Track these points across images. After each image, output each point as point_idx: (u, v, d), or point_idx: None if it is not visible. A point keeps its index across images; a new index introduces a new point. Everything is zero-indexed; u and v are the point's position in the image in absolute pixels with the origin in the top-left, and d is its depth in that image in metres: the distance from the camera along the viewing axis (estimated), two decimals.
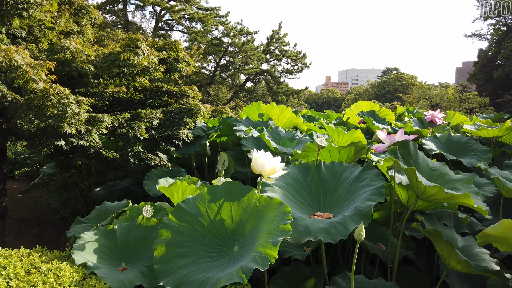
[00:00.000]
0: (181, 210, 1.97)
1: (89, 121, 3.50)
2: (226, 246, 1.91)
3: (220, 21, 25.23)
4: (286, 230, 1.72)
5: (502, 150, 4.09)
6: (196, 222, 1.95)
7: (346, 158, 2.75)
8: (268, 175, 2.02)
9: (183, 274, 1.73)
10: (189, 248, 1.87)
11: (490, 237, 1.94)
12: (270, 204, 1.91)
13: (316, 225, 1.94)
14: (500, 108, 28.97)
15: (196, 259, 1.82)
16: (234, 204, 1.99)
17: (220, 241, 1.93)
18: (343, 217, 1.97)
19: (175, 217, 1.95)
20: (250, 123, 4.51)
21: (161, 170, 4.03)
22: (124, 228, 2.35)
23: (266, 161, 1.99)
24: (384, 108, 4.82)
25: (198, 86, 23.14)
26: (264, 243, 1.69)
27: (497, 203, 2.84)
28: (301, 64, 26.02)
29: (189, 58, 4.82)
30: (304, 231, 1.91)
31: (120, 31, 21.25)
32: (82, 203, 5.67)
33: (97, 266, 1.97)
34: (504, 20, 35.70)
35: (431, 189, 1.98)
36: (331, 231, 1.88)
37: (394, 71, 64.25)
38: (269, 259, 1.59)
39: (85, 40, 4.99)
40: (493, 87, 34.26)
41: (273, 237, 1.70)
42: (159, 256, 1.82)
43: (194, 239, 1.91)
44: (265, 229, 1.80)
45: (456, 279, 2.28)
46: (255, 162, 1.99)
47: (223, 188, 2.03)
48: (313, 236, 1.86)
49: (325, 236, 1.85)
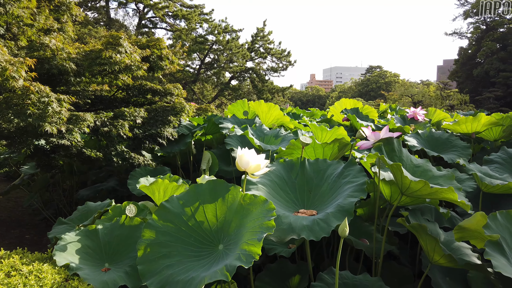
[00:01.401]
0: (165, 209, 1.94)
1: (71, 120, 3.43)
2: (211, 245, 1.90)
3: (205, 18, 25.07)
4: (270, 226, 1.72)
5: (482, 146, 4.19)
6: (180, 221, 1.92)
7: (330, 155, 2.77)
8: (253, 172, 2.02)
9: (167, 274, 1.71)
10: (173, 248, 1.85)
11: (465, 230, 1.99)
12: (255, 202, 1.91)
13: (299, 223, 1.94)
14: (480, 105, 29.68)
15: (181, 259, 1.80)
16: (218, 203, 1.97)
17: (205, 240, 1.91)
18: (325, 214, 1.99)
19: (158, 217, 1.92)
20: (237, 121, 4.50)
21: (145, 169, 3.99)
22: (107, 228, 2.31)
23: (250, 159, 1.99)
24: (367, 105, 4.87)
25: (183, 84, 22.98)
26: (248, 241, 1.68)
27: (478, 198, 2.91)
28: (286, 62, 26.11)
29: (173, 56, 4.78)
30: (287, 229, 1.91)
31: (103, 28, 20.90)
32: (65, 203, 5.56)
33: (79, 267, 1.94)
34: (483, 19, 36.52)
35: (416, 184, 2.01)
36: (314, 228, 1.89)
37: (377, 69, 65.06)
38: (253, 256, 1.59)
39: (66, 38, 4.89)
40: (473, 85, 35.06)
41: (257, 234, 1.70)
42: (143, 257, 1.80)
43: (179, 238, 1.88)
44: (250, 227, 1.80)
45: (438, 272, 2.33)
46: (239, 160, 1.99)
47: (207, 187, 2.01)
48: (296, 234, 1.87)
49: (308, 234, 1.86)
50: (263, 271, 2.51)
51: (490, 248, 1.56)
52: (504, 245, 1.61)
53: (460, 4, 38.17)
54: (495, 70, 32.68)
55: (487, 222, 1.69)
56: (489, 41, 34.52)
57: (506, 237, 1.67)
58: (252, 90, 26.22)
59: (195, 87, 25.99)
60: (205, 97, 27.16)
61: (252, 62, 26.22)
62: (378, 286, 2.03)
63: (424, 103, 31.12)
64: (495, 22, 35.12)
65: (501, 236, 1.63)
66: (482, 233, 1.90)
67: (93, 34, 17.11)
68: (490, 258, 1.51)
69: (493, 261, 1.50)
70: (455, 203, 2.05)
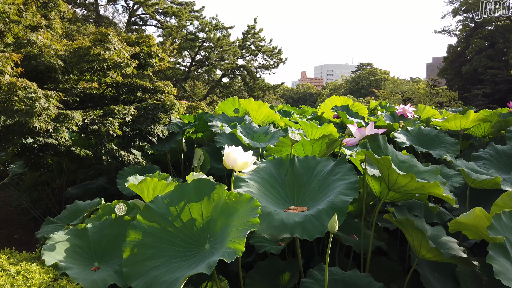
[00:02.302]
0: (150, 210, 1.92)
1: (58, 118, 3.39)
2: (197, 244, 1.88)
3: (195, 15, 24.94)
4: (255, 223, 1.72)
5: (470, 142, 4.25)
6: (165, 222, 1.90)
7: (319, 152, 2.78)
8: (240, 169, 2.02)
9: (153, 276, 1.70)
10: (158, 249, 1.83)
11: (461, 225, 2.01)
12: (240, 200, 1.90)
13: (291, 219, 1.94)
14: (469, 102, 30.05)
15: (167, 260, 1.79)
16: (204, 202, 1.95)
17: (191, 240, 1.90)
18: (317, 210, 1.99)
19: (143, 217, 1.90)
20: (226, 118, 4.50)
21: (133, 167, 3.96)
22: (96, 227, 2.29)
23: (237, 156, 1.98)
24: (357, 102, 4.91)
25: (174, 81, 22.84)
26: (234, 239, 1.69)
27: (465, 194, 2.95)
28: (277, 59, 26.11)
29: (163, 53, 4.74)
30: (280, 226, 1.90)
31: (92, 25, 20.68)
32: (54, 202, 5.50)
33: (68, 267, 1.92)
34: (471, 17, 36.94)
35: (403, 178, 2.02)
36: (307, 226, 1.89)
37: (367, 66, 65.45)
38: (236, 253, 1.60)
39: (53, 35, 4.82)
40: (461, 82, 35.46)
41: (242, 231, 1.70)
42: (128, 259, 1.78)
43: (164, 239, 1.87)
44: (236, 225, 1.79)
45: (427, 267, 2.35)
46: (226, 157, 1.99)
47: (193, 186, 1.99)
48: (289, 232, 1.87)
49: (301, 233, 1.85)
50: (254, 268, 2.52)
51: (494, 251, 1.47)
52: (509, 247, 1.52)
53: (449, 2, 38.55)
54: (483, 67, 33.10)
55: (492, 222, 1.62)
56: (477, 38, 34.94)
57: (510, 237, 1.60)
58: (243, 87, 26.18)
59: (186, 84, 25.86)
60: (196, 94, 27.04)
61: (243, 60, 26.18)
62: (367, 281, 2.05)
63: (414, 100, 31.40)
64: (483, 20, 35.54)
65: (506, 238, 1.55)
66: (479, 228, 1.92)
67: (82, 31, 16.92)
68: (492, 262, 1.43)
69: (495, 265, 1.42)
70: (441, 197, 2.08)
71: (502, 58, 33.42)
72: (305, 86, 73.31)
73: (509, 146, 3.14)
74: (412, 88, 34.35)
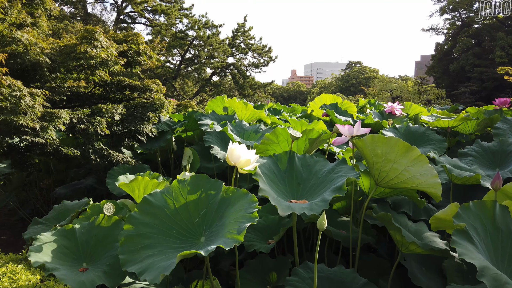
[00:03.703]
0: (148, 202, 1.98)
1: (45, 117, 3.34)
2: (193, 237, 1.93)
3: (184, 13, 24.78)
4: (253, 217, 1.76)
5: (457, 140, 4.31)
6: (162, 214, 1.96)
7: (303, 149, 2.78)
8: (243, 166, 2.05)
9: (148, 262, 1.75)
10: (155, 240, 1.88)
11: (441, 221, 2.05)
12: (238, 195, 1.94)
13: (297, 206, 1.99)
14: (456, 100, 30.43)
15: (162, 249, 1.84)
16: (201, 196, 2.01)
17: (187, 232, 1.95)
18: (322, 197, 2.03)
19: (141, 210, 1.95)
20: (216, 117, 4.49)
21: (123, 167, 3.93)
22: (84, 227, 2.27)
23: (241, 153, 2.01)
24: (346, 100, 4.93)
25: (163, 80, 22.70)
26: (231, 230, 1.73)
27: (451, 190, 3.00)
28: (267, 57, 26.10)
29: (151, 51, 4.71)
30: (287, 208, 1.94)
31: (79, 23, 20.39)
32: (42, 203, 5.43)
33: (56, 268, 1.90)
34: (459, 15, 37.39)
35: (392, 172, 2.06)
36: (313, 207, 1.93)
37: (357, 64, 65.81)
38: (235, 241, 1.63)
39: (40, 32, 4.75)
40: (449, 80, 35.91)
41: (240, 224, 1.74)
42: (124, 247, 1.82)
43: (160, 230, 1.92)
44: (233, 218, 1.83)
45: (414, 263, 2.38)
46: (230, 154, 2.02)
47: (190, 181, 2.05)
48: (297, 211, 1.90)
49: (308, 211, 1.89)
50: (244, 267, 2.52)
51: (457, 236, 1.63)
52: (473, 233, 1.67)
53: (437, 1, 38.95)
54: (471, 65, 33.54)
55: (458, 211, 1.75)
56: (464, 37, 35.40)
57: (476, 226, 1.73)
58: (233, 86, 26.12)
59: (176, 83, 25.72)
60: (186, 93, 26.91)
61: (233, 58, 26.12)
62: (352, 277, 2.07)
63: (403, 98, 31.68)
64: (470, 18, 36.01)
65: (470, 225, 1.69)
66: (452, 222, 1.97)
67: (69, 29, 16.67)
68: (456, 245, 1.58)
69: (458, 248, 1.57)
70: (425, 191, 2.12)
71: (488, 56, 33.92)
72: (295, 84, 73.45)
73: (495, 143, 3.19)
74: (401, 86, 34.65)
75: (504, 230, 1.75)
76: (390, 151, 2.07)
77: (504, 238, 1.73)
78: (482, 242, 1.70)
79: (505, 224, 1.76)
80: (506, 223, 1.76)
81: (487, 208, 1.79)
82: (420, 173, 2.06)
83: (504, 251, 1.71)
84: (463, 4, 35.62)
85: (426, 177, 2.06)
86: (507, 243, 1.72)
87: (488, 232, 1.74)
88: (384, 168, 2.14)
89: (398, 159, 2.07)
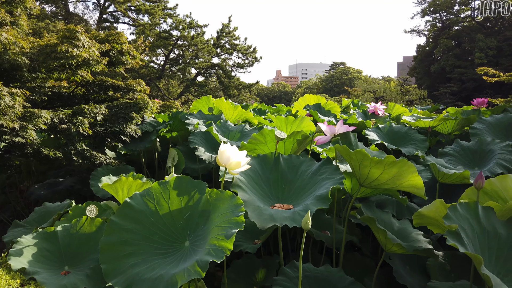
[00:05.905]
0: (128, 206, 1.88)
1: (25, 117, 3.27)
2: (177, 242, 1.87)
3: (169, 13, 24.57)
4: (240, 222, 1.71)
5: (438, 139, 4.40)
6: (144, 219, 1.88)
7: (291, 149, 2.79)
8: (233, 169, 1.99)
9: (133, 273, 1.67)
10: (138, 246, 1.80)
11: (424, 217, 2.09)
12: (222, 197, 1.89)
13: (280, 215, 1.96)
14: (437, 100, 31.00)
15: (146, 257, 1.76)
16: (184, 199, 1.95)
17: (170, 237, 1.88)
18: (305, 205, 2.00)
19: (122, 215, 1.86)
20: (203, 116, 4.46)
21: (107, 168, 3.88)
22: (66, 230, 2.23)
23: (231, 155, 1.96)
24: (330, 101, 4.98)
25: (148, 80, 22.46)
26: (217, 236, 1.67)
27: (433, 189, 3.05)
28: (252, 58, 26.13)
29: (134, 51, 4.65)
30: (269, 219, 1.91)
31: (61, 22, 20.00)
32: (22, 205, 5.30)
33: (36, 271, 1.86)
34: (439, 17, 38.12)
35: (376, 170, 2.07)
36: (296, 217, 1.90)
37: (341, 65, 66.46)
38: (224, 251, 1.59)
39: (19, 32, 4.64)
40: (430, 80, 36.57)
41: (226, 229, 1.69)
42: (106, 256, 1.74)
43: (143, 236, 1.84)
44: (218, 222, 1.78)
45: (399, 262, 2.42)
46: (220, 155, 1.96)
47: (172, 183, 1.98)
48: (278, 223, 1.87)
49: (290, 222, 1.87)
50: (230, 267, 2.52)
51: (449, 237, 1.66)
52: (463, 234, 1.69)
53: (418, 3, 39.61)
54: (451, 66, 34.22)
55: (447, 213, 1.75)
56: (445, 38, 36.10)
57: (465, 227, 1.75)
58: (218, 86, 26.05)
59: (161, 83, 25.48)
60: (170, 93, 26.68)
61: (218, 58, 26.05)
62: (339, 276, 2.09)
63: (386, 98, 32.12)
64: (450, 20, 36.77)
65: (460, 226, 1.71)
66: (439, 220, 2.01)
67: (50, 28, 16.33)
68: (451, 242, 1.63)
69: None
70: (410, 190, 2.15)
71: (468, 58, 34.67)
72: (280, 85, 73.65)
73: (474, 143, 3.27)
74: (384, 87, 35.14)
75: (490, 231, 1.78)
76: (363, 159, 2.06)
77: (491, 239, 1.76)
78: (471, 244, 1.72)
79: (491, 226, 1.79)
80: (492, 224, 1.79)
81: (471, 209, 1.81)
82: (400, 174, 2.06)
83: (491, 252, 1.74)
84: (443, 7, 36.34)
85: (407, 177, 2.07)
86: (493, 244, 1.76)
87: (476, 233, 1.77)
88: (363, 171, 2.15)
89: (373, 165, 2.07)
